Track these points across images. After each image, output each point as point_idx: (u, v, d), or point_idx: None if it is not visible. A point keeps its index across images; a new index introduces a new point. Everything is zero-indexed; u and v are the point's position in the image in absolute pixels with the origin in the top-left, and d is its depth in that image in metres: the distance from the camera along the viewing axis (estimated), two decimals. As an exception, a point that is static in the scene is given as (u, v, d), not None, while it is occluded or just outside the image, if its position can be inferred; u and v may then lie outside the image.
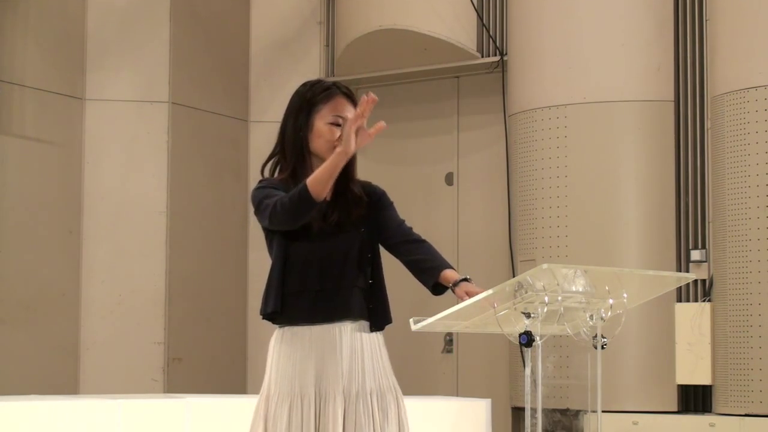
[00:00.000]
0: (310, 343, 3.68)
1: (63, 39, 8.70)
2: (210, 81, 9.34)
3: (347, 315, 3.70)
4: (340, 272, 3.70)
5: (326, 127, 3.76)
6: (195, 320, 9.03)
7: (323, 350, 3.68)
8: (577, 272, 3.67)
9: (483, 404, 6.83)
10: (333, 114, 3.77)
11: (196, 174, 9.16)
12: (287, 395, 3.65)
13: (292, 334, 3.70)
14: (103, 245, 8.76)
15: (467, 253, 9.23)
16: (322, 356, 3.67)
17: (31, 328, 8.35)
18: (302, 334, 3.69)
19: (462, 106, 9.45)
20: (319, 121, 3.77)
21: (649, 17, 7.94)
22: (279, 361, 3.70)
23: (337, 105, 3.79)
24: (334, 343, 3.69)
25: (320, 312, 3.69)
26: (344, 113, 3.77)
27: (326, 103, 3.78)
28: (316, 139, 3.76)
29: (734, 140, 7.41)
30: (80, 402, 6.24)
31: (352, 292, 3.72)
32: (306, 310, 3.68)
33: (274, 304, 3.67)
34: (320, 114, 3.78)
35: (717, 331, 7.58)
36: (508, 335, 3.71)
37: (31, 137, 8.42)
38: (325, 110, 3.78)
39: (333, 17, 9.65)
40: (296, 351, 3.68)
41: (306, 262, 3.68)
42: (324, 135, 3.76)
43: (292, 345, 3.69)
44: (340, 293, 3.70)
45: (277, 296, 3.67)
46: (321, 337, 3.69)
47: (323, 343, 3.68)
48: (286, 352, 3.69)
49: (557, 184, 7.91)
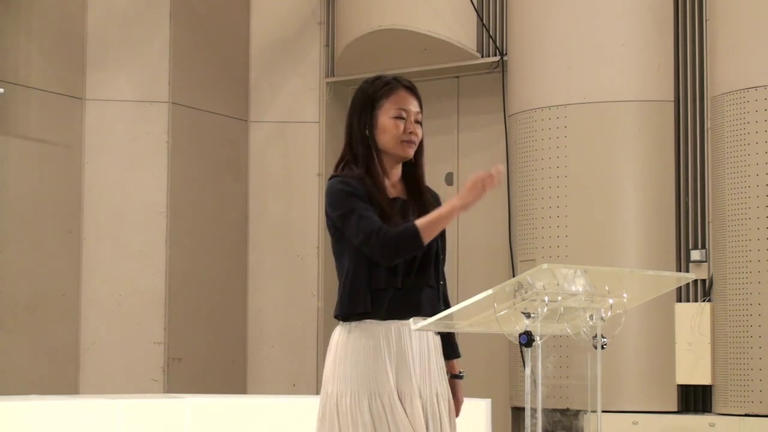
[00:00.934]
0: (383, 340, 3.61)
1: (63, 39, 8.70)
2: (210, 81, 9.34)
3: (420, 313, 3.63)
4: (420, 271, 3.67)
5: (391, 121, 3.74)
6: (195, 320, 9.03)
7: (397, 348, 3.62)
8: (577, 272, 3.67)
9: (483, 404, 6.82)
10: (396, 107, 3.76)
11: (196, 174, 9.16)
12: (364, 393, 3.57)
13: (362, 330, 3.62)
14: (103, 245, 8.76)
15: (467, 253, 9.23)
16: (397, 354, 3.62)
17: (31, 328, 8.35)
18: (374, 330, 3.62)
19: (462, 106, 9.45)
20: (383, 116, 3.75)
21: (649, 17, 7.94)
22: (350, 357, 3.61)
23: (399, 98, 3.78)
24: (407, 341, 3.64)
25: (397, 309, 3.63)
26: (407, 106, 3.77)
27: (388, 98, 3.77)
28: (381, 135, 3.74)
29: (734, 140, 7.41)
30: (80, 402, 6.24)
31: (427, 292, 3.69)
32: (385, 307, 3.62)
33: (365, 305, 3.60)
34: (383, 109, 3.76)
35: (717, 331, 7.58)
36: (508, 335, 3.70)
37: (31, 137, 8.42)
38: (387, 104, 3.76)
39: (333, 17, 9.65)
40: (370, 347, 3.60)
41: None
42: (389, 130, 3.74)
43: (364, 341, 3.61)
44: (416, 292, 3.66)
45: (366, 295, 3.60)
46: (394, 334, 3.63)
47: (396, 340, 3.63)
48: (357, 349, 3.61)
49: (557, 184, 7.91)
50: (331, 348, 3.68)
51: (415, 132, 3.76)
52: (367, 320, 3.63)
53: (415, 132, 3.76)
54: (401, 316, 3.62)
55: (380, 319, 3.62)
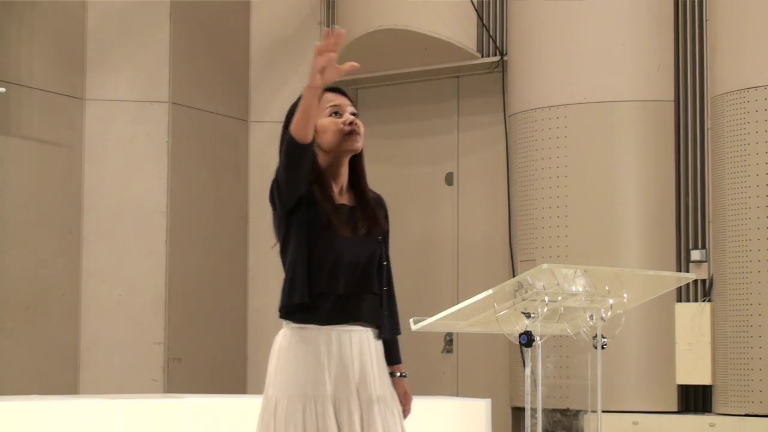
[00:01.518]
0: (323, 346, 3.64)
1: (63, 39, 8.70)
2: (210, 81, 9.34)
3: (360, 319, 3.67)
4: (362, 277, 3.68)
5: (327, 119, 3.74)
6: (195, 320, 9.03)
7: (337, 354, 3.64)
8: (577, 272, 3.67)
9: (483, 404, 6.83)
10: (328, 106, 3.76)
11: (196, 174, 9.16)
12: (300, 398, 3.60)
13: (302, 336, 3.65)
14: (103, 245, 8.76)
15: (467, 253, 9.23)
16: (336, 360, 3.64)
17: (32, 328, 8.35)
18: (314, 336, 3.64)
19: (462, 106, 9.45)
20: (318, 119, 3.72)
21: (649, 17, 7.94)
22: (290, 362, 3.65)
23: (327, 100, 3.77)
24: (347, 347, 3.65)
25: (338, 315, 3.65)
26: (338, 102, 3.77)
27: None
28: (322, 136, 3.72)
29: (734, 140, 7.41)
30: (80, 402, 6.24)
31: (368, 298, 3.70)
32: (326, 312, 3.64)
33: (301, 296, 3.62)
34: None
35: (717, 331, 7.58)
36: (508, 335, 3.71)
37: (31, 137, 8.42)
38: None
39: (333, 17, 9.65)
40: (309, 353, 3.63)
41: (334, 264, 3.64)
42: (329, 126, 3.73)
43: (304, 346, 3.64)
44: (357, 298, 3.68)
45: (304, 291, 3.63)
46: (334, 340, 3.65)
47: (336, 346, 3.65)
48: (298, 354, 3.64)
49: (557, 184, 7.91)
50: (273, 353, 3.71)
51: (355, 122, 3.73)
52: (308, 326, 3.65)
53: (355, 122, 3.73)
54: (341, 321, 3.65)
55: (321, 324, 3.64)
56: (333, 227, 3.63)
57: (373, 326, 3.71)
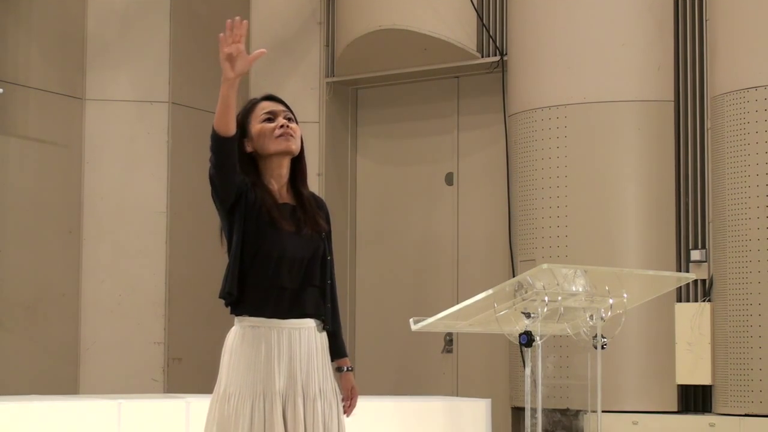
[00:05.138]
0: (271, 341, 3.72)
1: (63, 39, 8.70)
2: (210, 81, 9.32)
3: (306, 313, 3.77)
4: (306, 272, 3.78)
5: (260, 125, 3.88)
6: (195, 320, 9.03)
7: (284, 349, 3.73)
8: (577, 272, 3.68)
9: (483, 404, 6.84)
10: (261, 114, 3.91)
11: (196, 174, 9.12)
12: (248, 394, 3.68)
13: (253, 331, 3.74)
14: (103, 245, 8.76)
15: (467, 253, 9.23)
16: (283, 355, 3.72)
17: (32, 328, 8.35)
18: (263, 332, 3.73)
19: (462, 106, 9.45)
20: (253, 127, 3.88)
21: (649, 17, 7.94)
22: (240, 360, 3.74)
23: (261, 107, 3.93)
24: (296, 343, 3.74)
25: (283, 308, 3.74)
26: (271, 108, 3.92)
27: (252, 112, 3.92)
28: (258, 141, 3.88)
29: (734, 140, 7.41)
30: (80, 402, 6.24)
31: (311, 291, 3.79)
32: (271, 306, 3.74)
33: (230, 285, 3.74)
34: (252, 123, 3.90)
35: (717, 331, 7.58)
36: (508, 335, 3.71)
37: (31, 137, 8.42)
38: (253, 117, 3.91)
39: (333, 17, 9.65)
40: (258, 349, 3.72)
41: (278, 260, 3.73)
42: (262, 131, 3.86)
43: (253, 342, 3.73)
44: (302, 292, 3.77)
45: (233, 283, 3.74)
46: (285, 336, 3.73)
47: (287, 343, 3.73)
48: (247, 350, 3.73)
49: (557, 184, 7.91)
50: (225, 349, 3.81)
51: (287, 125, 3.87)
52: (256, 319, 3.74)
53: (287, 125, 3.87)
54: (287, 315, 3.75)
55: (267, 317, 3.73)
56: (275, 222, 3.75)
57: (317, 318, 3.80)
